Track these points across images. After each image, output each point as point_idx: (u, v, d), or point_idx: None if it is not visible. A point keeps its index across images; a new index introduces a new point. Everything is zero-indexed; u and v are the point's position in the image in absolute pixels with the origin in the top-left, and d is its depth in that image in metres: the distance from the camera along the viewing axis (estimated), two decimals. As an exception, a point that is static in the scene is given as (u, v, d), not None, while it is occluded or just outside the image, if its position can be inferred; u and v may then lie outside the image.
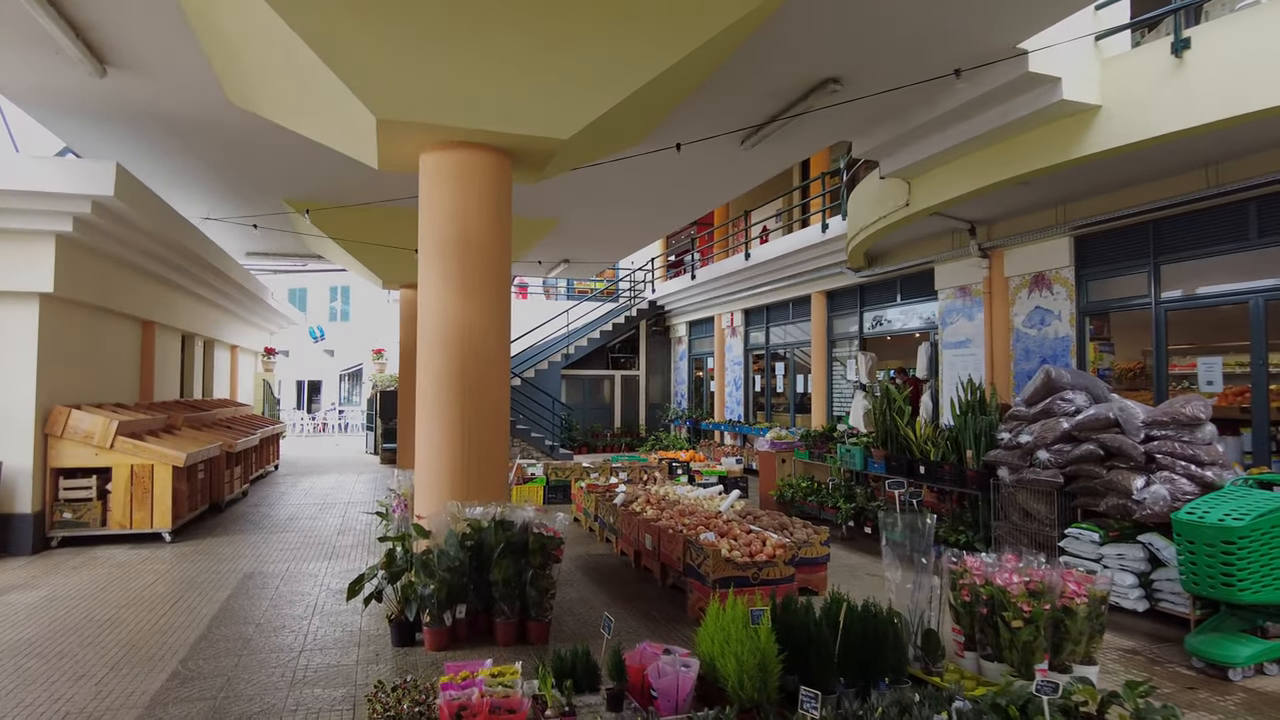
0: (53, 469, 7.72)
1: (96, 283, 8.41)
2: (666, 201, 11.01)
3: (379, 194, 10.44)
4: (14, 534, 7.43)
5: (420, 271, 5.62)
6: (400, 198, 10.22)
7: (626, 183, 9.92)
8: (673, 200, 10.94)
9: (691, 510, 6.94)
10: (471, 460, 5.37)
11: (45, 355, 7.65)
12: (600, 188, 10.23)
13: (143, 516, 7.87)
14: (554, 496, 10.89)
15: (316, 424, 31.25)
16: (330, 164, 9.04)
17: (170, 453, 7.90)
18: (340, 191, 10.31)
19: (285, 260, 16.19)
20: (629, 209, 11.45)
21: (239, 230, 13.42)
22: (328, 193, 10.20)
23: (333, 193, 10.22)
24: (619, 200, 10.90)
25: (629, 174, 9.49)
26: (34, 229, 7.28)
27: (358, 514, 9.94)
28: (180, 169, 9.44)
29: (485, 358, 5.48)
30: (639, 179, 9.74)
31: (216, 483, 9.85)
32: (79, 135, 8.00)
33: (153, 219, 8.00)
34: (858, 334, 13.06)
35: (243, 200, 10.75)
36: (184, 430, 9.72)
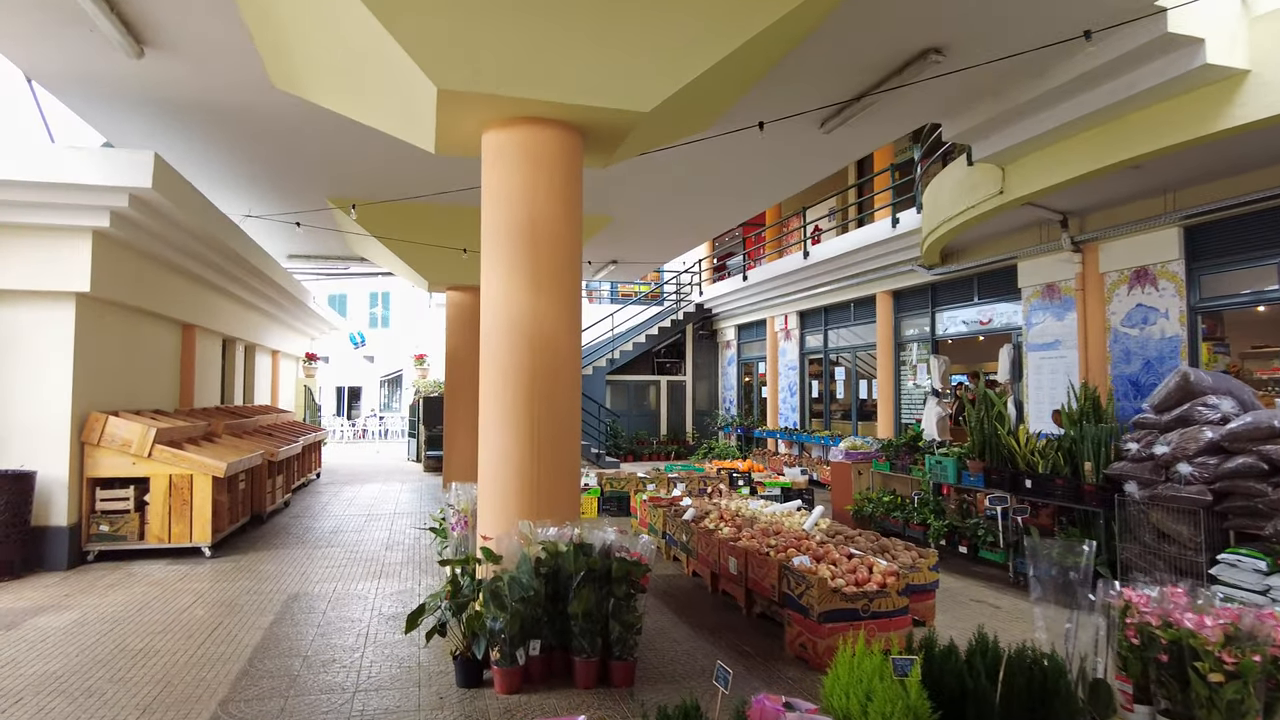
0: (89, 479, 7.29)
1: (135, 283, 7.99)
2: (728, 195, 10.35)
3: (427, 190, 9.93)
4: (49, 548, 7.00)
5: (484, 264, 5.04)
6: (451, 190, 9.69)
7: (687, 174, 9.30)
8: (735, 193, 10.29)
9: (776, 529, 6.27)
10: (543, 473, 4.77)
11: (82, 359, 7.22)
12: (659, 181, 9.62)
13: (181, 530, 7.40)
14: (609, 508, 10.27)
15: (357, 430, 31.09)
16: (378, 158, 8.55)
17: (210, 462, 7.42)
18: (387, 188, 9.83)
19: (327, 263, 15.83)
20: (687, 204, 10.82)
21: (280, 232, 13.05)
22: (374, 190, 9.73)
23: (379, 189, 9.74)
24: (677, 195, 10.28)
25: (692, 164, 8.86)
26: (69, 224, 6.85)
27: (405, 526, 9.41)
28: (220, 163, 9.01)
29: (556, 357, 4.88)
30: (702, 169, 9.11)
31: (258, 493, 9.40)
32: (115, 125, 7.57)
33: (192, 214, 7.55)
34: (929, 336, 12.26)
35: (285, 198, 10.32)
36: (224, 438, 9.28)
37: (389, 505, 11.20)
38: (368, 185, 9.58)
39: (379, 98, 5.35)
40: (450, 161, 8.71)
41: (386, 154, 8.37)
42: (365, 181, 9.49)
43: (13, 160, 6.39)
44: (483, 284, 5.04)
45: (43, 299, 7.06)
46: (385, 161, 8.67)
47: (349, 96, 5.71)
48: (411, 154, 8.44)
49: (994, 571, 7.19)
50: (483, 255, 5.06)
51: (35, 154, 6.45)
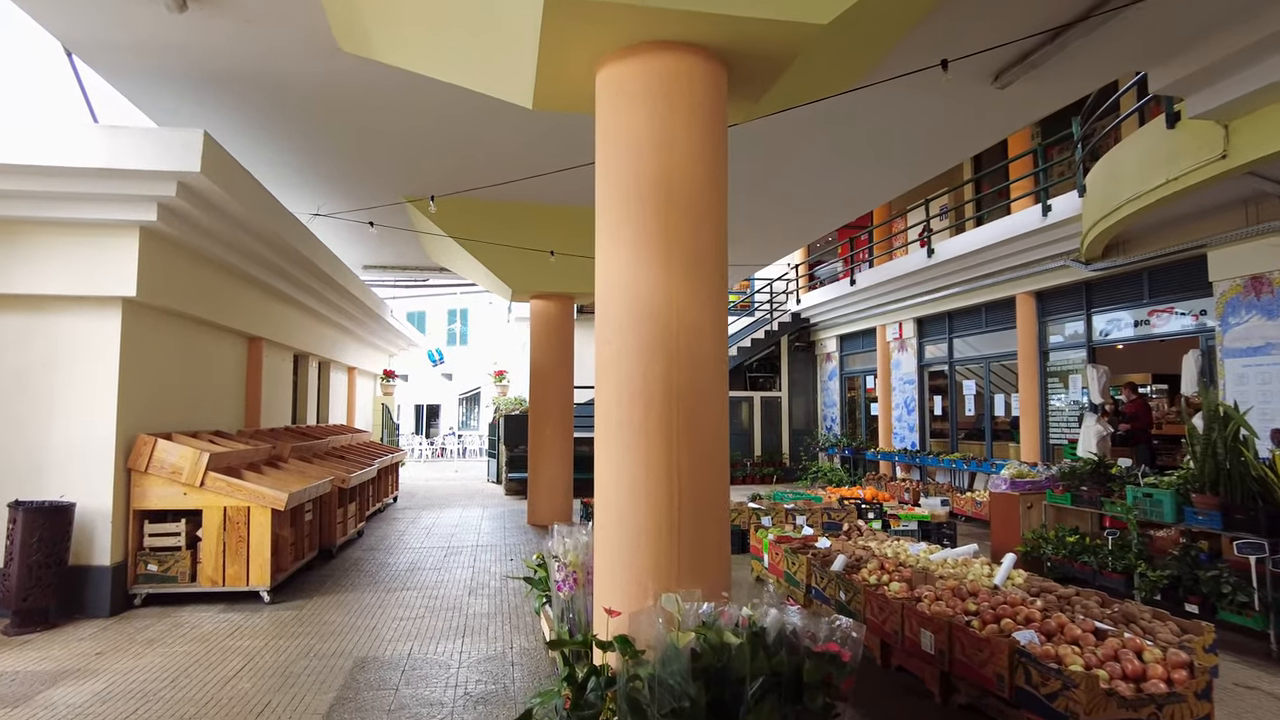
0: (136, 511, 6.34)
1: (190, 288, 7.07)
2: (859, 176, 8.96)
3: (515, 174, 8.85)
4: (91, 591, 6.06)
5: (600, 239, 3.81)
6: (543, 173, 8.58)
7: (814, 150, 7.94)
8: (865, 175, 8.89)
9: (972, 589, 4.80)
10: (685, 522, 3.48)
11: (128, 373, 6.30)
12: (776, 161, 8.30)
13: (237, 571, 6.38)
14: (719, 544, 8.90)
15: (435, 449, 30.56)
16: (459, 137, 7.49)
17: (269, 493, 6.39)
18: (468, 175, 8.78)
19: (404, 274, 15.02)
20: (809, 189, 9.46)
21: (354, 237, 12.23)
22: (455, 181, 8.69)
23: (460, 178, 8.70)
24: (799, 177, 8.93)
25: (821, 136, 7.52)
26: (111, 219, 5.95)
27: (489, 563, 8.25)
28: (280, 151, 8.12)
29: (700, 364, 3.59)
30: (834, 143, 7.76)
31: (327, 524, 8.39)
32: (162, 103, 6.74)
33: (248, 205, 6.58)
34: (1084, 342, 10.53)
35: (355, 195, 9.41)
36: (291, 463, 8.31)
37: (470, 535, 10.09)
38: (448, 175, 8.54)
39: (464, 46, 4.21)
40: (540, 143, 7.59)
41: (469, 132, 7.31)
42: (444, 171, 8.47)
43: (41, 143, 5.50)
44: (599, 267, 3.81)
45: (84, 306, 6.18)
46: (467, 141, 7.60)
47: (428, 51, 4.62)
48: (496, 135, 7.34)
49: (1243, 640, 5.54)
50: (599, 229, 3.83)
51: (67, 136, 5.54)
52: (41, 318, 6.15)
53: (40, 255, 6.02)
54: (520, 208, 10.11)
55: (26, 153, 5.47)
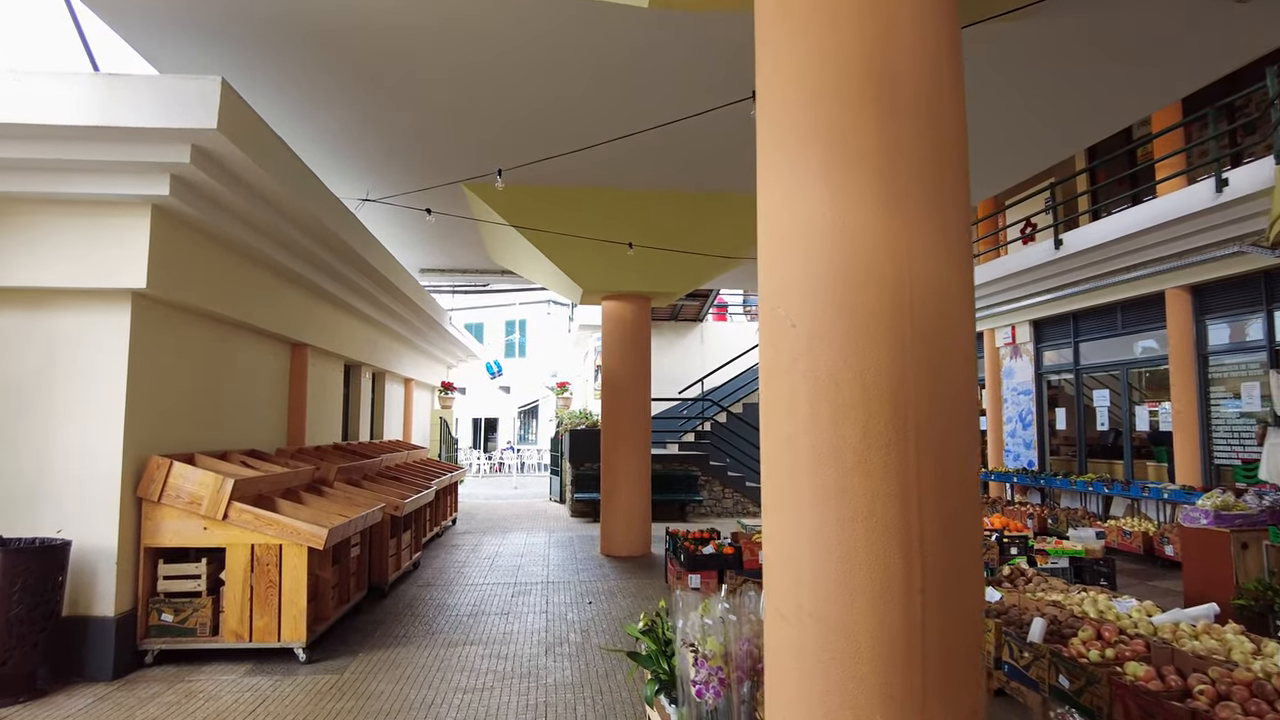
0: (148, 549, 5.24)
1: (216, 282, 6.00)
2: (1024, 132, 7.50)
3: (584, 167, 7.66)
4: (92, 648, 4.96)
5: (769, 161, 2.50)
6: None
7: (1019, 85, 6.39)
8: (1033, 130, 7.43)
9: (1264, 683, 3.33)
10: (932, 617, 2.12)
11: (140, 381, 5.22)
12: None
13: (267, 623, 5.22)
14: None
15: (493, 464, 29.67)
16: (526, 110, 6.31)
17: (305, 528, 5.23)
18: (539, 166, 7.61)
19: (463, 278, 13.98)
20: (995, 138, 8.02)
21: (409, 241, 11.19)
22: (521, 159, 7.50)
23: (528, 157, 7.51)
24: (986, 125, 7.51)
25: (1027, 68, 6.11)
26: (116, 194, 4.88)
27: (564, 607, 6.98)
28: (318, 128, 7.04)
29: (946, 352, 2.25)
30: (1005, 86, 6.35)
31: (378, 558, 7.23)
32: (174, 59, 5.69)
33: (278, 175, 5.46)
34: (1265, 343, 8.83)
35: (409, 178, 8.31)
36: (337, 487, 7.18)
37: (538, 568, 8.84)
38: (513, 151, 7.35)
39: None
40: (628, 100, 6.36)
41: (541, 94, 6.13)
42: (509, 147, 7.28)
43: (23, 96, 4.44)
44: (766, 209, 2.50)
45: (87, 301, 5.12)
46: (538, 125, 6.41)
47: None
48: (574, 93, 6.13)
49: None
50: (765, 149, 2.52)
51: (54, 87, 4.47)
52: (38, 316, 5.11)
53: (35, 240, 4.98)
54: (591, 195, 8.91)
55: (14, 109, 4.41)
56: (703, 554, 7.45)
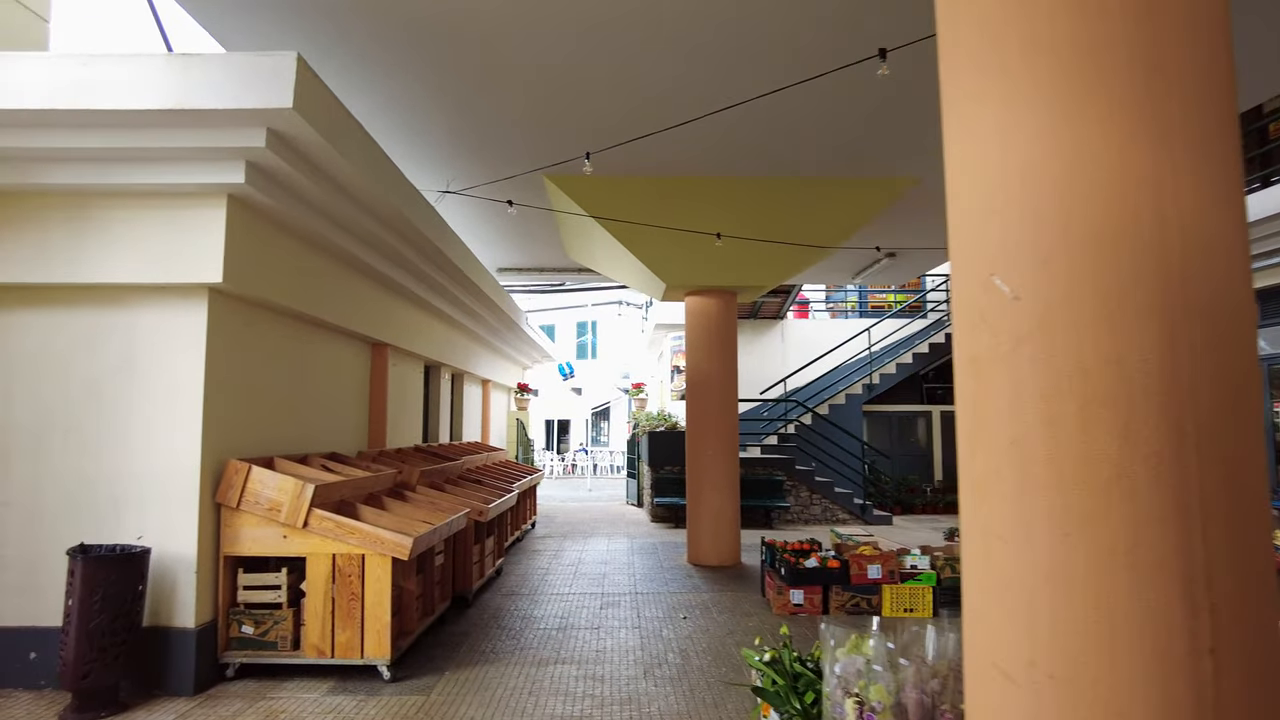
0: (227, 557, 4.99)
1: (293, 277, 5.75)
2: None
3: (672, 154, 7.19)
4: (173, 660, 4.72)
5: (966, 84, 1.96)
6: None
7: None
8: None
9: None
10: (1224, 648, 1.56)
11: (217, 382, 4.97)
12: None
13: (349, 638, 4.90)
14: (956, 605, 6.82)
15: (566, 465, 29.55)
16: (613, 98, 5.88)
17: (388, 536, 4.89)
18: (622, 156, 7.17)
19: (539, 277, 13.70)
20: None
21: (485, 240, 10.93)
22: (604, 162, 7.07)
23: (609, 160, 7.07)
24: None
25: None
26: (191, 183, 4.62)
27: (657, 622, 6.52)
28: (400, 120, 6.76)
29: (1229, 329, 1.68)
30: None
31: (462, 566, 6.90)
32: (249, 41, 5.45)
33: (356, 161, 5.14)
34: None
35: (486, 168, 7.99)
36: (420, 491, 6.88)
37: (624, 578, 8.41)
38: (599, 133, 6.92)
39: None
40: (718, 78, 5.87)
41: (632, 58, 5.69)
42: (596, 127, 6.86)
43: (96, 81, 4.21)
44: (957, 141, 1.97)
45: (163, 297, 4.89)
46: (628, 111, 5.97)
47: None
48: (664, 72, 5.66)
49: None
50: (956, 70, 1.99)
51: (128, 70, 4.22)
52: (114, 313, 4.91)
53: (111, 235, 4.78)
54: (675, 185, 8.43)
55: (79, 95, 4.19)
56: (805, 567, 6.90)
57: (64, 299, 4.93)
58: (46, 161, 4.60)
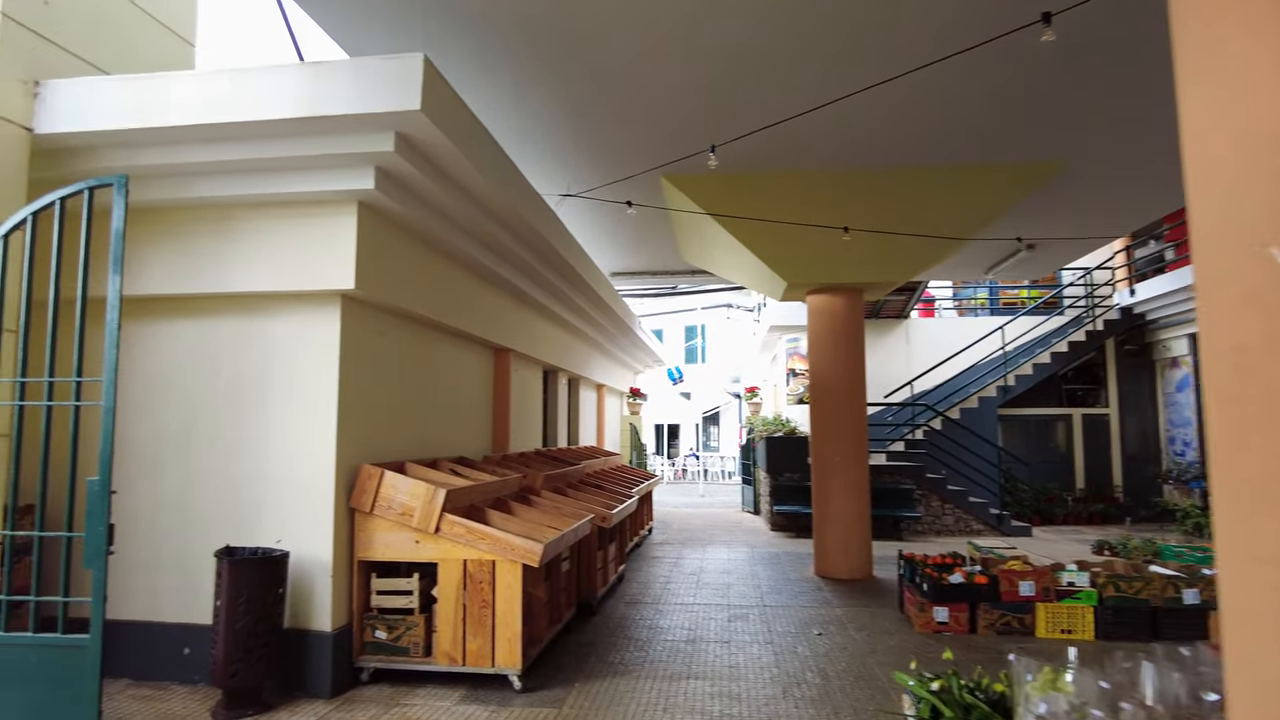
0: (361, 562, 5.02)
1: (419, 282, 5.78)
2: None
3: (792, 149, 6.87)
4: (310, 662, 4.78)
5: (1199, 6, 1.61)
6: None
7: None
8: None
9: None
10: None
11: (350, 387, 5.02)
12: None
13: (480, 646, 4.83)
14: (1124, 630, 6.18)
15: (676, 470, 29.38)
16: (736, 90, 5.63)
17: (519, 543, 4.79)
18: (740, 151, 6.90)
19: (652, 280, 13.57)
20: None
21: (600, 244, 10.87)
22: (722, 158, 6.81)
23: (729, 156, 6.81)
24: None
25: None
26: (323, 191, 4.68)
27: (790, 638, 6.19)
28: (520, 124, 6.72)
29: None
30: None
31: (586, 573, 6.78)
32: (369, 45, 5.50)
33: (480, 164, 5.09)
34: None
35: (604, 170, 7.88)
36: (544, 496, 6.81)
37: (749, 588, 8.10)
38: (722, 127, 6.68)
39: None
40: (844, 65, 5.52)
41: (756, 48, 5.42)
42: (717, 121, 6.62)
43: (233, 93, 4.30)
44: (1219, 63, 1.62)
45: (298, 304, 4.98)
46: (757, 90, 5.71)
47: None
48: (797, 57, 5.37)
49: None
50: None
51: (263, 81, 4.30)
52: (253, 321, 5.04)
53: (250, 244, 4.90)
54: (796, 179, 8.09)
55: (222, 109, 4.30)
56: (949, 583, 6.41)
57: (210, 308, 5.10)
58: (194, 176, 4.77)
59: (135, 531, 4.94)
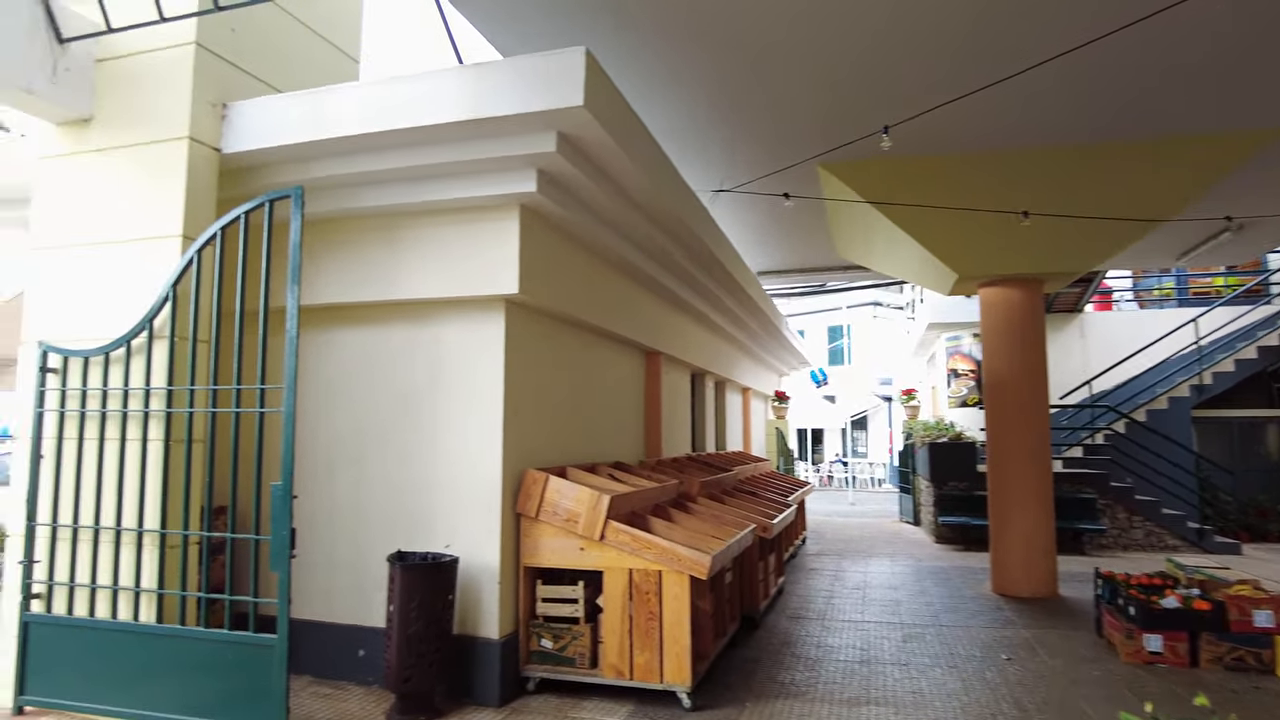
0: (526, 568, 4.96)
1: (575, 285, 5.69)
2: None
3: (963, 128, 6.31)
4: (478, 670, 4.74)
5: None
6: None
7: None
8: None
9: None
10: None
11: (514, 392, 4.98)
12: None
13: (647, 659, 4.64)
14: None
15: (821, 477, 28.44)
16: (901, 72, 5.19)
17: (687, 554, 4.57)
18: (911, 132, 6.41)
19: (800, 278, 13.10)
20: None
21: (748, 239, 10.55)
22: (894, 139, 6.36)
23: (896, 137, 6.33)
24: None
25: None
26: (486, 196, 4.65)
27: (974, 661, 5.65)
28: (672, 118, 6.52)
29: None
30: None
31: (749, 584, 6.49)
32: (523, 41, 5.45)
33: (640, 163, 4.92)
34: None
35: (752, 171, 7.57)
36: (701, 503, 6.58)
37: (920, 605, 7.53)
38: (887, 110, 6.23)
39: None
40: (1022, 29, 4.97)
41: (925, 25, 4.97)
42: (882, 98, 6.18)
43: (402, 101, 4.33)
44: None
45: (463, 310, 4.99)
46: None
47: None
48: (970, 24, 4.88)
49: None
50: None
51: (426, 86, 4.30)
52: (420, 328, 5.10)
53: (417, 251, 4.96)
54: (966, 162, 7.49)
55: (386, 117, 4.35)
56: (1161, 607, 5.66)
57: (378, 316, 5.20)
58: (361, 186, 4.87)
59: (312, 534, 5.10)
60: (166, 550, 4.36)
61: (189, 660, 4.11)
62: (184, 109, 4.60)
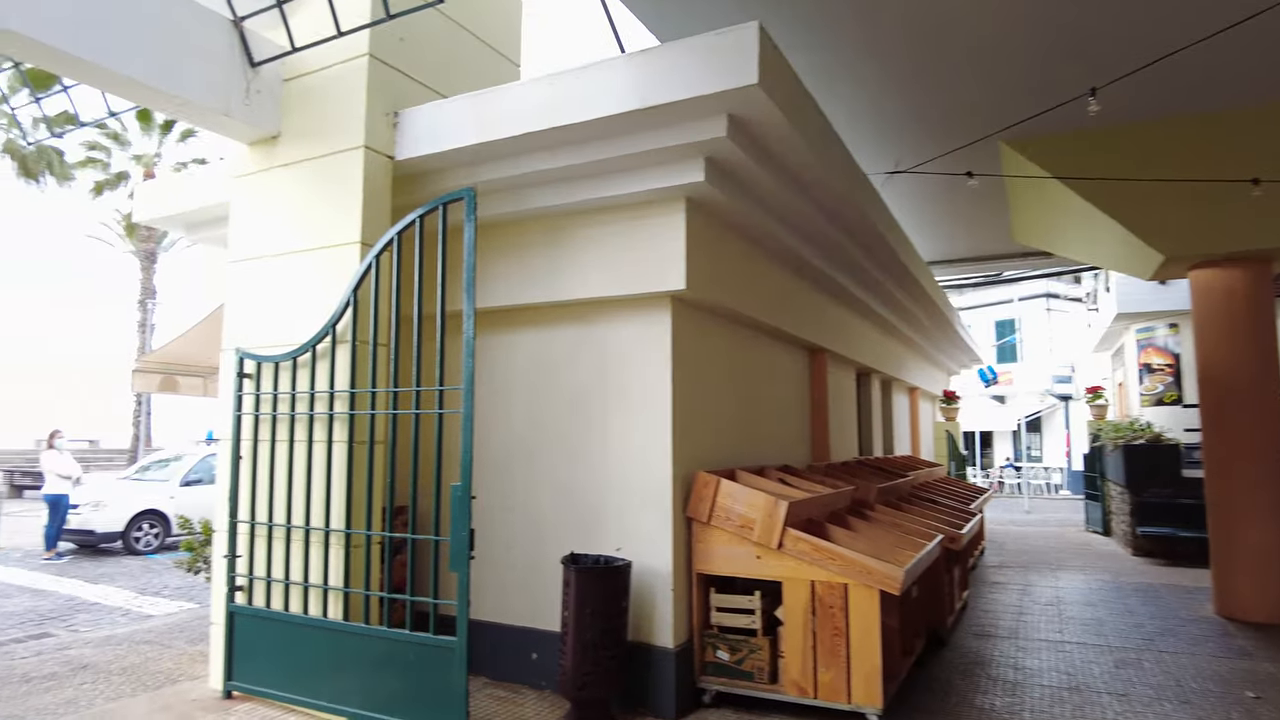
0: (699, 575, 4.75)
1: (740, 280, 5.44)
2: None
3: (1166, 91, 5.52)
4: (653, 679, 4.58)
5: None
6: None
7: None
8: None
9: None
10: None
11: (681, 391, 4.79)
12: None
13: (833, 678, 4.31)
14: None
15: (991, 483, 26.60)
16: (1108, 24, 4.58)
17: (874, 565, 4.21)
18: (1113, 98, 5.70)
19: (971, 268, 12.20)
20: None
21: (917, 226, 9.88)
22: (1070, 116, 5.67)
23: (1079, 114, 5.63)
24: None
25: None
26: (651, 189, 4.49)
27: (1203, 690, 4.91)
28: (843, 95, 6.12)
29: None
30: None
31: (934, 599, 5.98)
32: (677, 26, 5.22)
33: (814, 145, 4.59)
34: None
35: (927, 150, 7.01)
36: (878, 511, 6.14)
37: (1127, 626, 6.71)
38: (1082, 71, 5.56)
39: None
40: None
41: None
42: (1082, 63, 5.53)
43: (561, 98, 4.23)
44: None
45: (628, 309, 4.85)
46: None
47: None
48: None
49: None
50: None
51: (585, 80, 4.18)
52: (587, 328, 5.01)
53: (580, 251, 4.88)
54: (1174, 128, 6.62)
55: (548, 114, 4.26)
56: None
57: (546, 317, 5.17)
58: (528, 187, 4.84)
59: (487, 534, 5.11)
60: (351, 549, 4.48)
61: (373, 658, 4.19)
62: (359, 119, 4.73)
